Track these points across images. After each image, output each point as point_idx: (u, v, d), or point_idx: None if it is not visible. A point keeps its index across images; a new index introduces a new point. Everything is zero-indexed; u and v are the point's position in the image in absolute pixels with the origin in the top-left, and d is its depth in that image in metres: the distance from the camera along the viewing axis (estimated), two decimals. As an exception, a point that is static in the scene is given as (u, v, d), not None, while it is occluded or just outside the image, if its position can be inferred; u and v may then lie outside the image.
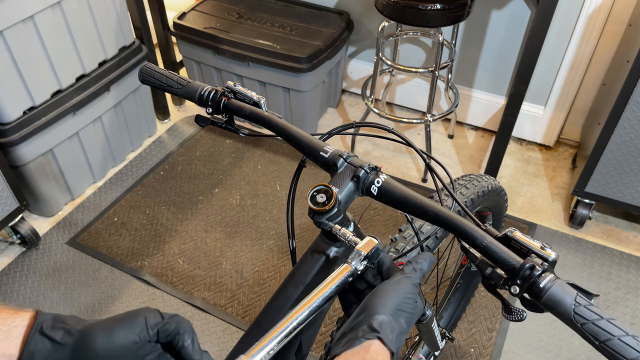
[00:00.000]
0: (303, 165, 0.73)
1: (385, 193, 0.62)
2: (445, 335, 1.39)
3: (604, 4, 1.92)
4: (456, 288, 1.56)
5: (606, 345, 0.48)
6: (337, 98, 2.56)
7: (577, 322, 0.49)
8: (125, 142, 2.26)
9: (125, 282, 1.81)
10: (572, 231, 1.98)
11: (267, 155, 2.29)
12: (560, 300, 0.50)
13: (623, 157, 1.74)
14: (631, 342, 0.47)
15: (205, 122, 0.76)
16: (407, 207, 0.61)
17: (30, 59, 1.70)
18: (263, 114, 0.72)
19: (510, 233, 0.56)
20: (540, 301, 0.51)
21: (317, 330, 0.75)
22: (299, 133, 0.69)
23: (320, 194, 0.61)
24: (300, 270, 0.68)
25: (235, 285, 1.78)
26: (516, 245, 0.55)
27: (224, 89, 0.74)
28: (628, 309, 1.72)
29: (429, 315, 0.91)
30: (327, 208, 0.60)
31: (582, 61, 2.08)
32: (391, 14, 1.79)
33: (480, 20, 2.15)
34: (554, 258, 0.53)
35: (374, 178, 0.63)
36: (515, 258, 0.54)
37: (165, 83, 0.77)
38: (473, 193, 1.07)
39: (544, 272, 0.52)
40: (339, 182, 0.63)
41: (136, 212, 2.04)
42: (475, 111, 2.41)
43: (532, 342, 1.64)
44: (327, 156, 0.65)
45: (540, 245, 0.54)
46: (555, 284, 0.51)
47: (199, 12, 2.36)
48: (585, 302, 0.50)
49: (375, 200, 0.64)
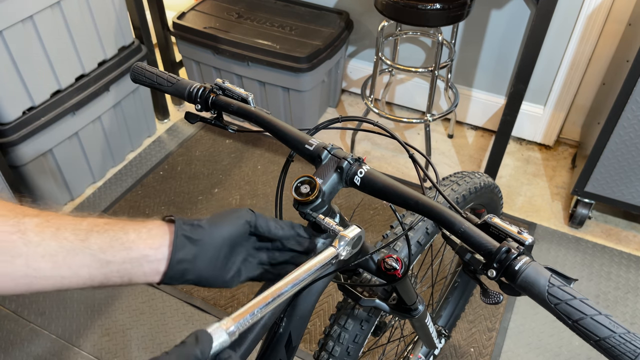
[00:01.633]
0: (291, 160, 0.75)
1: (367, 183, 0.63)
2: (441, 333, 1.39)
3: (603, 3, 1.92)
4: (454, 287, 1.56)
5: (579, 324, 0.49)
6: (337, 98, 2.56)
7: (550, 302, 0.50)
8: (125, 142, 2.26)
9: (125, 282, 1.80)
10: (572, 231, 1.98)
11: (266, 155, 2.29)
12: (535, 282, 0.51)
13: (623, 157, 1.74)
14: (603, 320, 0.48)
15: (194, 119, 0.77)
16: (389, 196, 0.62)
17: (29, 59, 1.70)
18: (250, 109, 0.73)
19: (489, 219, 0.57)
20: (515, 283, 0.52)
21: (305, 323, 0.76)
22: (285, 127, 0.70)
23: (304, 185, 0.62)
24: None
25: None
26: (495, 231, 0.56)
27: (212, 86, 0.75)
28: (628, 308, 1.72)
29: (421, 311, 0.91)
30: (310, 198, 0.61)
31: (582, 61, 2.08)
32: (391, 13, 1.79)
33: (480, 20, 2.15)
34: (530, 242, 0.54)
35: (357, 169, 0.64)
36: (492, 242, 0.55)
37: (155, 81, 0.78)
38: (465, 190, 1.08)
39: (520, 255, 0.53)
40: (322, 173, 0.64)
41: (136, 212, 2.04)
42: (474, 111, 2.41)
43: (532, 341, 1.64)
44: (311, 149, 0.67)
45: (518, 230, 0.55)
46: (530, 266, 0.52)
47: (198, 12, 2.35)
48: (559, 283, 0.51)
49: (377, 200, 0.64)
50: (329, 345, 0.97)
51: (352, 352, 0.97)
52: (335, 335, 0.96)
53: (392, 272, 0.76)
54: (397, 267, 0.76)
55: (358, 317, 0.96)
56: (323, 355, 0.98)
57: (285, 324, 0.73)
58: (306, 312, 0.74)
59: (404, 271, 0.76)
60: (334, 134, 2.42)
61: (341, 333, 0.96)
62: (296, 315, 0.73)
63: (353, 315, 0.96)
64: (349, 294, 0.86)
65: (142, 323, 1.69)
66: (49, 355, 1.61)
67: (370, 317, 0.97)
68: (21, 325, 1.69)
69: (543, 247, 1.91)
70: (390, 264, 0.76)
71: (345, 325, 0.96)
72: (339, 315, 0.97)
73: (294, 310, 0.73)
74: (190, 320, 1.70)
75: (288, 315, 0.73)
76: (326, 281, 0.74)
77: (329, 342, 0.97)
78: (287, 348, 0.74)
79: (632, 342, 0.47)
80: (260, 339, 0.67)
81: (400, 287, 0.82)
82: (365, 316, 0.96)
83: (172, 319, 1.70)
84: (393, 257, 0.76)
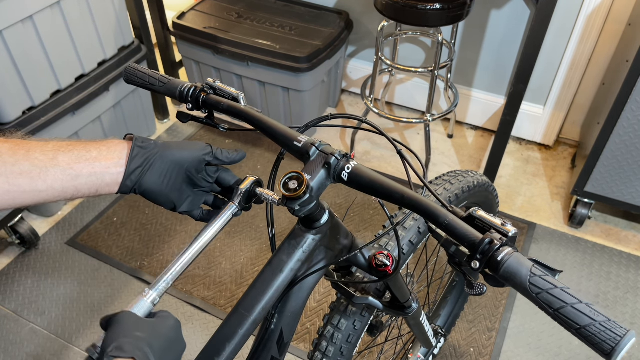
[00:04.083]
0: (281, 158, 0.75)
1: (355, 179, 0.64)
2: (438, 332, 1.39)
3: (603, 3, 1.92)
4: (452, 286, 1.56)
5: (560, 313, 0.49)
6: (337, 98, 2.56)
7: (532, 292, 0.51)
8: (125, 142, 2.26)
9: (124, 282, 1.81)
10: (572, 231, 1.98)
11: (266, 155, 2.29)
12: (517, 272, 0.52)
13: (622, 157, 1.74)
14: (584, 309, 0.49)
15: (186, 118, 0.78)
16: (376, 191, 0.63)
17: (29, 59, 1.70)
18: (239, 108, 0.73)
19: (474, 212, 0.58)
20: (498, 274, 0.53)
21: (297, 320, 0.77)
22: (274, 124, 0.71)
23: (292, 180, 0.63)
24: (278, 258, 0.71)
25: (235, 285, 1.78)
26: (479, 223, 0.57)
27: (203, 85, 0.76)
28: (627, 308, 1.72)
29: (415, 308, 0.92)
30: (298, 194, 0.61)
31: (582, 61, 2.08)
32: (391, 13, 1.79)
33: (480, 20, 2.16)
34: (513, 233, 0.55)
35: (344, 165, 0.65)
36: (476, 234, 0.55)
37: (148, 82, 0.79)
38: (458, 188, 1.08)
39: (502, 246, 0.53)
40: (311, 169, 0.65)
41: (136, 212, 2.04)
42: (474, 111, 2.41)
43: (532, 342, 1.64)
44: (300, 145, 0.67)
45: (501, 222, 0.56)
46: (512, 256, 0.52)
47: (198, 12, 2.35)
48: (541, 273, 0.51)
49: (377, 200, 0.65)
50: (322, 346, 0.97)
51: (345, 352, 0.97)
52: (328, 335, 0.97)
53: (383, 268, 0.77)
54: (387, 263, 0.77)
55: (351, 317, 0.96)
56: (317, 356, 0.98)
57: (277, 320, 0.74)
58: (297, 308, 0.75)
59: (394, 267, 0.77)
60: (334, 134, 2.42)
61: (334, 333, 0.96)
62: (287, 312, 0.74)
63: (346, 315, 0.96)
64: (343, 292, 0.87)
65: (142, 323, 1.69)
66: (49, 355, 1.61)
67: (363, 317, 0.97)
68: (21, 325, 1.69)
69: (543, 247, 1.91)
70: (381, 260, 0.77)
71: (338, 325, 0.96)
72: (333, 315, 0.98)
73: (285, 307, 0.74)
74: (190, 320, 1.70)
75: (279, 312, 0.74)
76: (317, 277, 0.75)
77: (323, 342, 0.97)
78: (279, 344, 0.75)
79: (612, 330, 0.47)
80: (251, 334, 0.68)
81: (392, 283, 0.83)
82: (358, 316, 0.96)
83: (172, 319, 1.70)
84: (384, 254, 0.78)
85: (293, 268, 0.70)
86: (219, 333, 0.67)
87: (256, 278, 0.70)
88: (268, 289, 0.68)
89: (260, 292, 0.68)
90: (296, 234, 0.71)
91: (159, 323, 0.57)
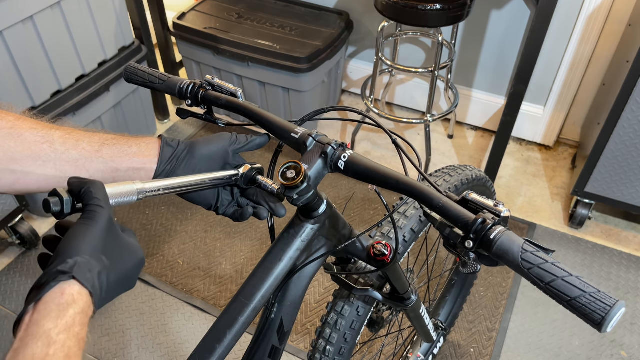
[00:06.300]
0: (279, 151, 0.77)
1: (351, 167, 0.66)
2: (438, 326, 1.40)
3: (603, 3, 1.92)
4: (451, 285, 1.56)
5: (551, 287, 0.50)
6: (337, 98, 2.56)
7: (524, 267, 0.51)
8: (125, 142, 2.26)
9: (125, 283, 1.80)
10: (572, 231, 1.98)
11: (266, 155, 2.29)
12: (509, 249, 0.53)
13: (623, 157, 1.74)
14: (574, 281, 0.50)
15: (185, 114, 0.79)
16: (372, 178, 0.65)
17: (29, 59, 1.70)
18: (237, 102, 0.75)
19: (467, 195, 0.59)
20: (491, 252, 0.54)
21: (297, 309, 0.78)
22: (271, 118, 0.72)
23: (290, 170, 0.64)
24: (277, 247, 0.72)
25: (235, 285, 1.78)
26: (472, 205, 0.58)
27: (202, 82, 0.78)
28: (628, 308, 1.72)
29: (414, 300, 0.92)
30: (296, 183, 0.62)
31: (582, 61, 2.08)
32: (391, 14, 1.79)
33: (480, 20, 2.16)
34: (505, 214, 0.56)
35: (340, 154, 0.66)
36: (469, 215, 0.57)
37: (148, 80, 0.80)
38: (457, 181, 1.11)
39: (495, 226, 0.54)
40: (308, 159, 0.66)
41: (136, 212, 2.04)
42: (474, 111, 2.41)
43: (532, 342, 1.64)
44: (297, 137, 0.69)
45: (494, 203, 0.57)
46: (504, 234, 0.54)
47: (198, 12, 2.36)
48: (532, 249, 0.52)
49: (377, 200, 0.65)
50: (326, 333, 0.98)
51: (349, 339, 0.98)
52: (332, 322, 0.98)
53: (381, 257, 0.78)
54: (386, 252, 0.78)
55: (354, 304, 0.97)
56: (320, 343, 0.99)
57: (277, 309, 0.76)
58: (297, 297, 0.77)
59: (392, 256, 0.78)
60: (334, 134, 2.42)
61: (338, 319, 0.97)
62: (287, 301, 0.76)
63: (349, 301, 0.97)
64: (343, 284, 0.88)
65: (142, 323, 1.69)
66: (49, 356, 1.61)
67: (367, 304, 0.98)
68: (21, 326, 1.69)
69: (543, 248, 1.91)
70: (380, 250, 0.78)
71: (342, 312, 0.97)
72: (336, 302, 0.99)
73: (285, 296, 0.76)
74: (190, 320, 1.70)
75: (279, 301, 0.76)
76: (316, 266, 0.76)
77: (326, 329, 0.98)
78: (280, 333, 0.77)
79: (602, 300, 0.48)
80: (252, 321, 0.68)
81: (391, 273, 0.84)
82: (362, 303, 0.98)
83: (172, 319, 1.70)
84: (382, 243, 0.79)
85: (292, 257, 0.71)
86: (220, 320, 0.69)
87: (256, 267, 0.72)
88: (268, 277, 0.70)
89: (260, 280, 0.70)
90: (295, 224, 0.73)
91: (125, 256, 0.54)
